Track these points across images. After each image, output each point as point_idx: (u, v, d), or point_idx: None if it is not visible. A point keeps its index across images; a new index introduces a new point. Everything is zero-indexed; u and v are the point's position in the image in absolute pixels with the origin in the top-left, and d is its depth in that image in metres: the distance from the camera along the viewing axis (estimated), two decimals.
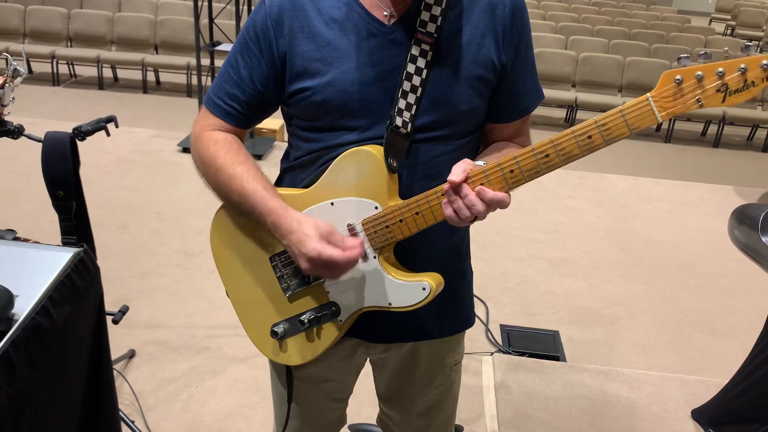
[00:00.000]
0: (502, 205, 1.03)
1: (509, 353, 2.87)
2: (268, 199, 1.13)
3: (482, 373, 2.72)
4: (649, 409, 2.55)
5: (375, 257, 1.14)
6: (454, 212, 1.05)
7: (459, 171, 1.04)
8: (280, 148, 5.26)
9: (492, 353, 2.86)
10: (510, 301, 3.36)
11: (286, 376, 1.35)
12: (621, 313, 3.33)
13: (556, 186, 4.99)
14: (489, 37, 1.12)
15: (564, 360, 2.88)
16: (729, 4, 13.11)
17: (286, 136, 1.29)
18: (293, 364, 1.28)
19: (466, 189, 1.03)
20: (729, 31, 12.46)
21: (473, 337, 2.99)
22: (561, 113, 7.19)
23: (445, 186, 1.04)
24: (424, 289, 1.12)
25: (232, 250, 1.26)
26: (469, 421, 2.44)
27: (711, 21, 12.96)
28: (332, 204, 1.14)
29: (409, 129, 1.11)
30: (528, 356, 2.85)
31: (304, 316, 1.20)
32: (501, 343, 2.95)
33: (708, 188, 5.33)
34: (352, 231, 1.13)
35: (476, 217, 1.05)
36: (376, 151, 1.11)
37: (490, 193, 1.02)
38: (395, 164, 1.11)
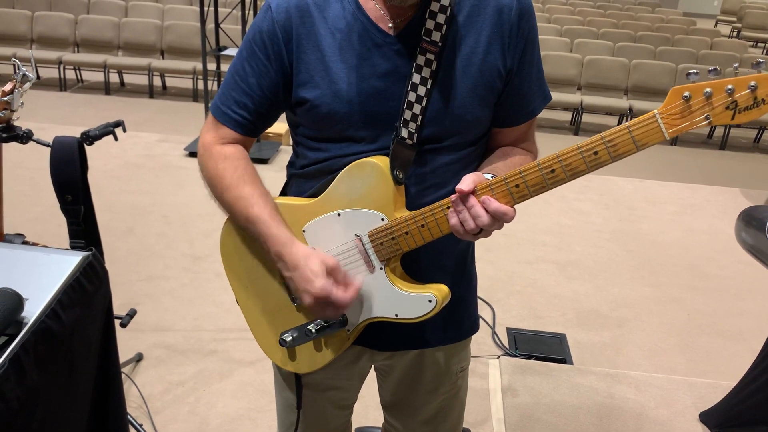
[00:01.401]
0: (506, 218, 1.02)
1: (516, 356, 2.86)
2: (272, 227, 1.12)
3: (489, 376, 2.72)
4: (656, 412, 2.54)
5: (381, 268, 1.14)
6: (460, 223, 1.05)
7: (468, 181, 1.03)
8: (286, 152, 5.27)
9: (499, 356, 2.86)
10: (516, 303, 3.35)
11: (295, 384, 1.35)
12: (628, 316, 3.32)
13: (563, 188, 4.98)
14: (495, 43, 1.11)
15: (571, 363, 2.87)
16: (734, 6, 13.09)
17: (291, 141, 1.29)
18: (302, 372, 1.28)
19: (473, 200, 1.03)
20: (735, 33, 12.42)
21: (480, 341, 2.98)
22: (566, 116, 7.19)
23: (453, 196, 1.04)
24: (430, 301, 1.12)
25: (242, 258, 1.26)
26: (476, 425, 2.43)
27: (717, 23, 12.93)
28: (339, 215, 1.14)
29: (414, 140, 1.11)
30: (535, 359, 2.85)
31: (311, 325, 1.20)
32: (508, 346, 2.95)
33: (714, 190, 5.32)
34: (358, 242, 1.14)
35: (481, 230, 1.04)
36: (381, 162, 1.10)
37: (494, 204, 1.02)
38: (401, 176, 1.11)
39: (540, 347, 2.96)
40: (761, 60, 0.89)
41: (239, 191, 1.15)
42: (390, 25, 1.10)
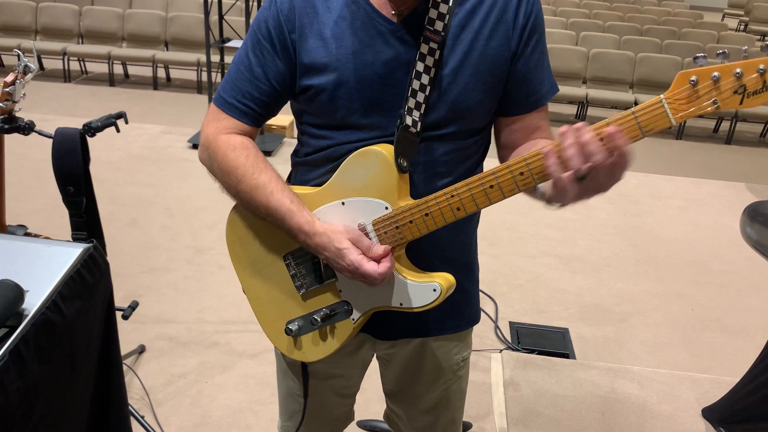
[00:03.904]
0: (623, 152, 0.90)
1: (518, 350, 2.86)
2: (295, 214, 1.11)
3: (491, 370, 2.71)
4: (659, 407, 2.54)
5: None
6: (558, 162, 0.93)
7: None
8: (290, 144, 5.26)
9: (501, 350, 2.85)
10: (519, 298, 3.34)
11: (301, 372, 1.36)
12: (631, 311, 3.31)
13: None
14: (499, 29, 1.11)
15: (573, 357, 2.87)
16: (742, 0, 12.99)
17: (295, 133, 1.28)
18: (308, 361, 1.28)
19: (587, 134, 0.90)
20: (742, 27, 12.34)
21: (482, 334, 2.98)
22: (572, 109, 7.16)
23: (563, 128, 0.93)
24: (434, 290, 1.11)
25: (247, 247, 1.26)
26: (478, 418, 2.43)
27: (724, 16, 12.84)
28: (343, 204, 1.14)
29: (419, 128, 1.11)
30: (537, 353, 2.84)
31: (316, 314, 1.20)
32: (510, 340, 2.94)
33: (720, 185, 5.29)
34: (362, 231, 1.13)
35: (584, 176, 0.93)
36: (385, 150, 1.10)
37: (618, 132, 0.90)
38: (405, 164, 1.10)
39: (542, 341, 2.95)
40: None
41: (255, 180, 1.14)
42: (393, 12, 1.09)
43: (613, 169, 0.93)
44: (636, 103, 6.37)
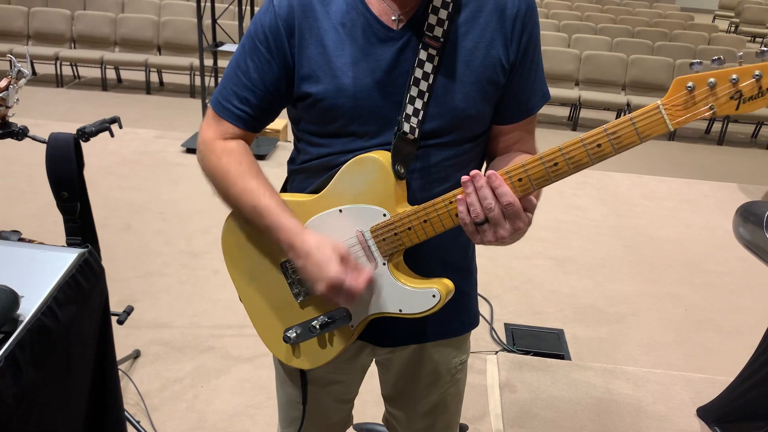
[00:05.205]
0: (511, 202, 0.99)
1: (514, 352, 2.87)
2: (282, 216, 1.11)
3: (487, 371, 2.72)
4: (654, 407, 2.55)
5: (384, 264, 1.13)
6: (466, 209, 1.02)
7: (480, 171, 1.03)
8: (283, 148, 5.26)
9: (496, 352, 2.86)
10: (514, 299, 3.35)
11: (300, 379, 1.35)
12: (626, 312, 3.32)
13: (560, 184, 4.94)
14: (498, 38, 1.11)
15: (569, 358, 2.87)
16: (732, 2, 13.07)
17: (289, 137, 1.29)
18: (307, 368, 1.28)
19: (482, 180, 1.00)
20: (733, 29, 12.42)
21: (478, 336, 2.99)
22: (564, 111, 7.18)
23: (464, 177, 1.02)
24: (434, 296, 1.11)
25: (244, 254, 1.26)
26: (474, 420, 2.44)
27: (714, 18, 12.91)
28: (341, 211, 1.14)
29: (416, 135, 1.11)
30: (532, 355, 2.85)
31: (315, 321, 1.20)
32: (505, 342, 2.95)
33: (712, 186, 5.32)
34: (361, 238, 1.13)
35: (486, 221, 1.01)
36: (382, 157, 1.10)
37: (499, 180, 0.99)
38: (403, 171, 1.10)
39: (538, 343, 2.96)
40: (766, 49, 0.87)
41: (246, 184, 1.15)
42: (393, 18, 1.10)
43: (497, 208, 1.00)
44: (628, 105, 6.41)
